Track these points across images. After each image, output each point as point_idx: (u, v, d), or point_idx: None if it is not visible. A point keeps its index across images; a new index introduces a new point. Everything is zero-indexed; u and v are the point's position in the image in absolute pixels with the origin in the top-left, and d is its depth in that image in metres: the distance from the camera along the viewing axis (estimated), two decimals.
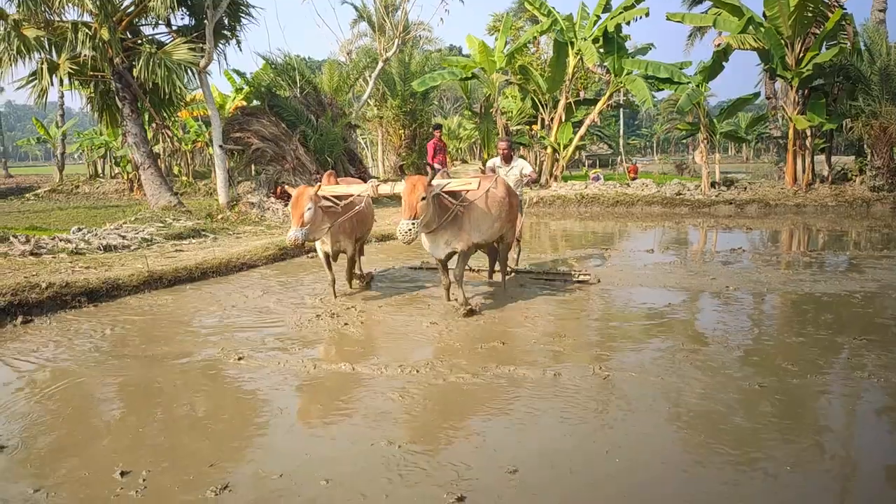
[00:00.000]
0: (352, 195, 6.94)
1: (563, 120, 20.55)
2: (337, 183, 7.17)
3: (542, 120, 21.96)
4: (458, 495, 3.11)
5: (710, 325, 6.12)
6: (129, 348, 5.60)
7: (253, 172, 16.11)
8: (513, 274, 8.22)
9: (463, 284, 6.56)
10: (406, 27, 22.00)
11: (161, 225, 11.69)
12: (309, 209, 6.24)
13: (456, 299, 6.55)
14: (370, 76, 21.05)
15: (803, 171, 17.52)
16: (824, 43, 16.18)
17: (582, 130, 20.62)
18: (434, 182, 6.13)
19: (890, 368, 4.76)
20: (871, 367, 4.81)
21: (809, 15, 15.49)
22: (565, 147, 20.52)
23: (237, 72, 21.29)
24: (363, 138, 30.19)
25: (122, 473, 3.39)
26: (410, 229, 5.76)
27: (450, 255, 6.52)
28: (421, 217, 5.85)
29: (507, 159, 8.07)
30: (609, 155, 38.68)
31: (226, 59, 17.10)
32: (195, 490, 3.25)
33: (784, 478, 3.29)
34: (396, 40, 20.42)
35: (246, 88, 20.36)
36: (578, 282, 7.83)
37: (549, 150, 20.93)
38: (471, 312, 6.37)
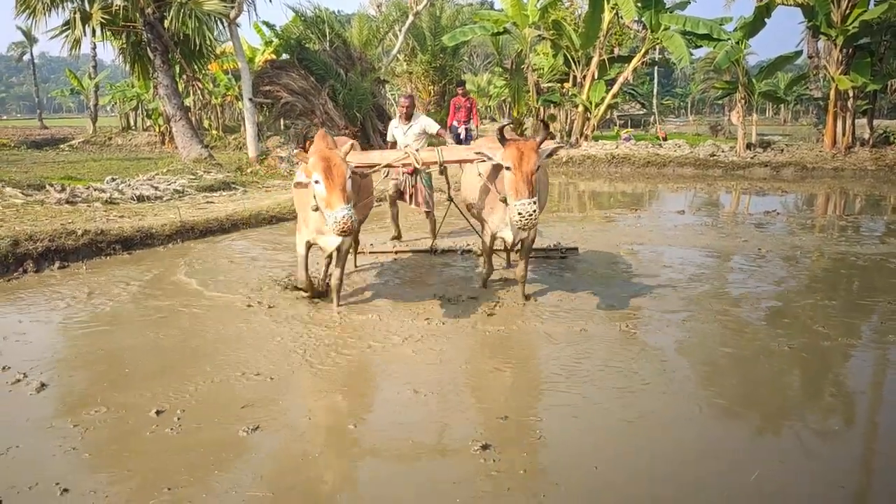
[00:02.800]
0: (377, 165, 5.58)
1: (596, 77, 20.06)
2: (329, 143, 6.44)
3: (574, 77, 21.46)
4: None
5: (740, 286, 6.05)
6: (163, 294, 5.74)
7: (282, 127, 16.15)
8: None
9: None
10: None
11: (192, 177, 11.82)
12: (349, 179, 4.56)
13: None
14: (400, 30, 20.74)
15: (843, 134, 16.97)
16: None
17: (615, 88, 20.13)
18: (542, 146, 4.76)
19: None
20: None
21: None
22: (597, 106, 20.09)
23: (267, 24, 21.12)
24: (392, 94, 29.96)
25: (158, 412, 3.52)
26: (534, 212, 4.43)
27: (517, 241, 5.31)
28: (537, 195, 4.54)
29: (408, 117, 7.17)
30: (642, 115, 37.83)
31: (255, 10, 17.04)
32: (227, 428, 3.36)
33: (808, 438, 3.30)
34: None
35: (275, 41, 20.22)
36: (563, 257, 7.02)
37: (581, 108, 20.51)
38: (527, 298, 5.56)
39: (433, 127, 7.17)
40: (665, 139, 21.07)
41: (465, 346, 4.57)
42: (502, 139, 4.65)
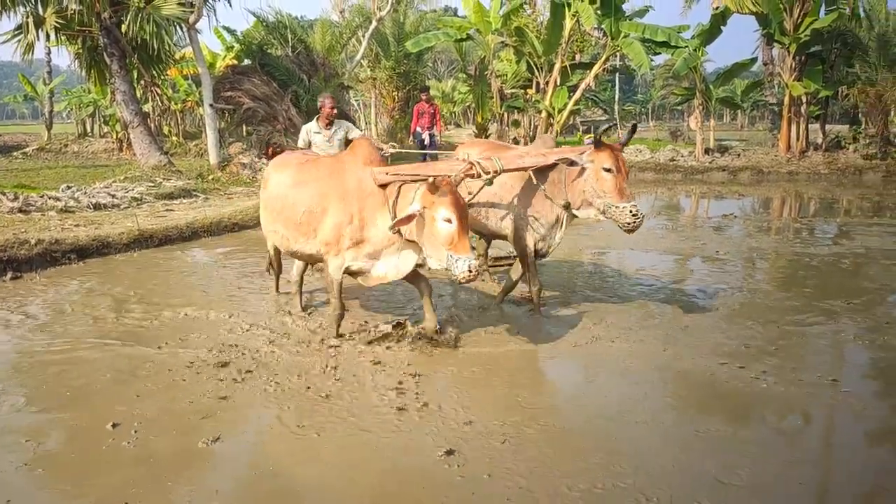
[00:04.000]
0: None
1: (559, 84, 20.29)
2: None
3: (537, 84, 21.67)
4: None
5: (699, 287, 6.17)
6: (119, 304, 5.60)
7: (244, 133, 15.92)
8: None
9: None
10: None
11: (151, 184, 11.58)
12: None
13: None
14: (363, 36, 20.67)
15: (797, 139, 17.49)
16: (823, 8, 16.00)
17: (577, 94, 20.39)
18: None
19: (873, 331, 4.83)
20: (856, 329, 4.89)
21: None
22: (560, 111, 20.31)
23: (228, 29, 20.83)
24: (356, 100, 29.82)
25: (114, 425, 3.43)
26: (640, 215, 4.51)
27: None
28: None
29: (330, 122, 6.49)
30: (604, 121, 38.41)
31: (216, 15, 16.75)
32: (187, 440, 3.29)
33: (768, 436, 3.37)
34: None
35: (237, 47, 19.96)
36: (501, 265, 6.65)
37: (544, 114, 20.72)
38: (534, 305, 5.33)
39: (355, 132, 6.62)
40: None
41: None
42: (599, 143, 4.62)
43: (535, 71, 21.36)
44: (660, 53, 19.56)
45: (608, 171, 4.53)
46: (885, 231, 8.94)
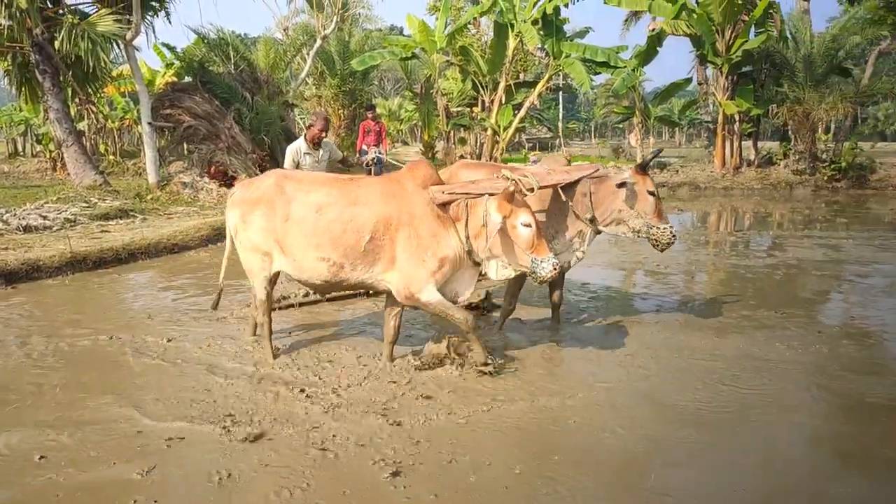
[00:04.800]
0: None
1: (503, 102, 20.59)
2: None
3: (483, 102, 21.95)
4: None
5: (639, 300, 6.29)
6: (47, 328, 5.34)
7: (185, 151, 15.54)
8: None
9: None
10: (345, 4, 21.56)
11: (85, 205, 11.16)
12: None
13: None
14: (308, 54, 20.56)
15: (731, 155, 18.19)
16: (753, 30, 16.75)
17: (521, 113, 20.72)
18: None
19: (804, 339, 5.01)
20: (790, 336, 5.06)
21: (739, 2, 15.97)
22: (505, 129, 20.60)
23: (167, 46, 20.43)
24: (301, 118, 29.59)
25: (41, 457, 3.25)
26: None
27: None
28: None
29: (318, 143, 6.18)
30: (549, 138, 39.17)
31: (154, 32, 16.37)
32: (120, 470, 3.14)
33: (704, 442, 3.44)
34: (335, 17, 20.00)
35: (177, 64, 19.57)
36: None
37: (490, 132, 20.98)
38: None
39: (338, 153, 6.60)
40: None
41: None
42: (645, 167, 4.93)
43: (481, 89, 21.64)
44: (600, 73, 20.09)
45: (651, 194, 4.82)
46: (815, 243, 9.33)
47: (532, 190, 4.13)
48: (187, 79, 17.43)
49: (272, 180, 4.41)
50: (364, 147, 13.65)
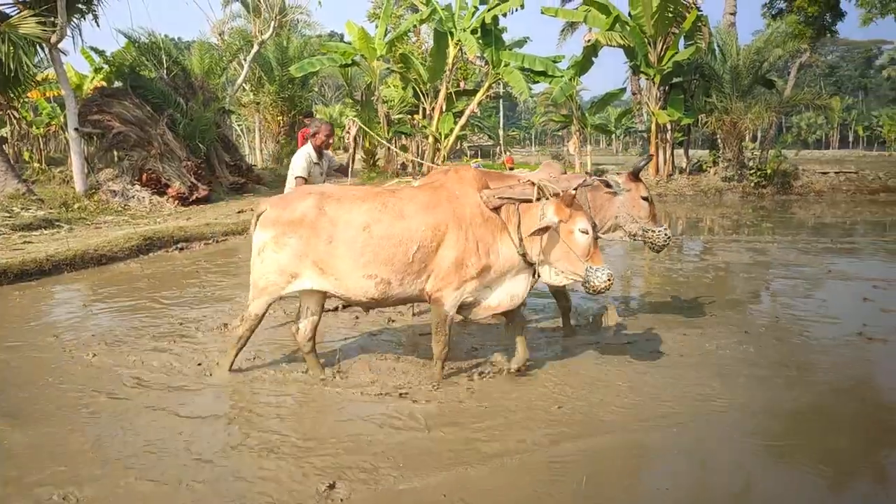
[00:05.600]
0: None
1: (444, 110, 20.71)
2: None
3: (424, 109, 22.02)
4: None
5: (574, 305, 6.40)
6: None
7: (115, 158, 14.97)
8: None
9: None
10: (283, 10, 21.27)
11: (7, 215, 10.62)
12: None
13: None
14: (245, 59, 20.21)
15: (664, 163, 18.79)
16: (683, 42, 17.38)
17: (462, 120, 20.87)
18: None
19: (736, 338, 5.19)
20: (719, 335, 5.24)
21: (670, 15, 16.54)
22: (446, 137, 20.70)
23: (96, 50, 19.68)
24: (238, 125, 28.99)
25: None
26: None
27: None
28: None
29: (321, 152, 5.98)
30: (491, 146, 39.62)
31: (81, 35, 15.63)
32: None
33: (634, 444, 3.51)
34: (273, 23, 19.71)
35: (106, 68, 18.88)
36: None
37: (431, 139, 21.05)
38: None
39: (335, 161, 6.36)
40: (513, 168, 22.11)
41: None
42: (637, 174, 5.06)
43: (422, 97, 21.70)
44: (538, 82, 20.44)
45: (645, 199, 5.03)
46: (743, 247, 9.72)
47: (557, 195, 4.02)
48: (117, 84, 16.85)
49: (311, 201, 4.15)
50: None
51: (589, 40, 17.75)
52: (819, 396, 4.17)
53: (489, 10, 19.05)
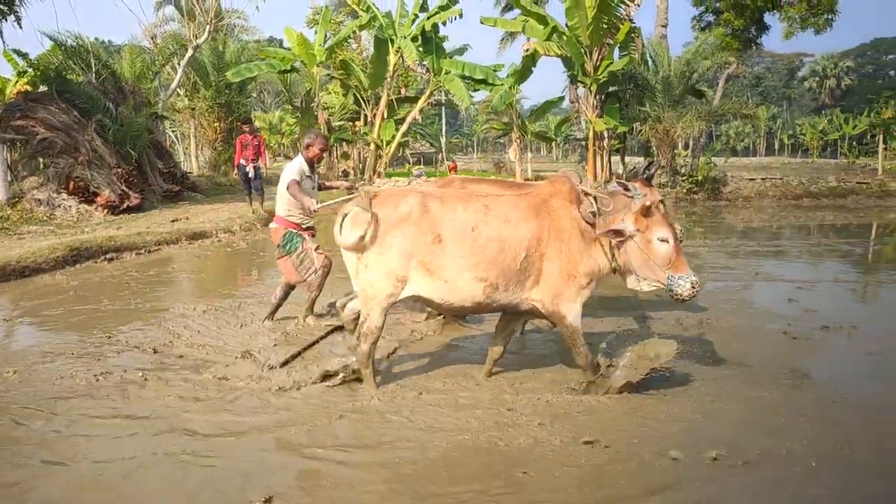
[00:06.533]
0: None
1: (386, 117, 20.70)
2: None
3: (365, 116, 21.95)
4: None
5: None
6: None
7: (41, 166, 14.30)
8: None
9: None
10: (219, 13, 20.80)
11: None
12: None
13: None
14: (179, 64, 19.66)
15: (602, 170, 19.24)
16: (618, 52, 17.86)
17: (404, 127, 20.91)
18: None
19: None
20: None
21: (604, 27, 16.98)
22: (388, 144, 20.68)
23: (19, 53, 18.73)
24: (173, 131, 28.16)
25: None
26: None
27: None
28: None
29: (313, 165, 5.71)
30: (433, 153, 39.74)
31: (2, 37, 14.85)
32: None
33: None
34: (208, 27, 19.25)
35: (30, 72, 18.04)
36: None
37: (373, 146, 20.98)
38: None
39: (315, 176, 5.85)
40: (456, 171, 22.28)
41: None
42: (650, 180, 4.45)
43: (363, 104, 21.63)
44: (479, 90, 20.68)
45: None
46: None
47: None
48: (42, 88, 16.10)
49: (416, 199, 4.07)
50: (242, 162, 13.16)
51: (528, 50, 18.05)
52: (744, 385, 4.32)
53: (429, 18, 19.17)
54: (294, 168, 5.51)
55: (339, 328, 5.45)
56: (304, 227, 5.67)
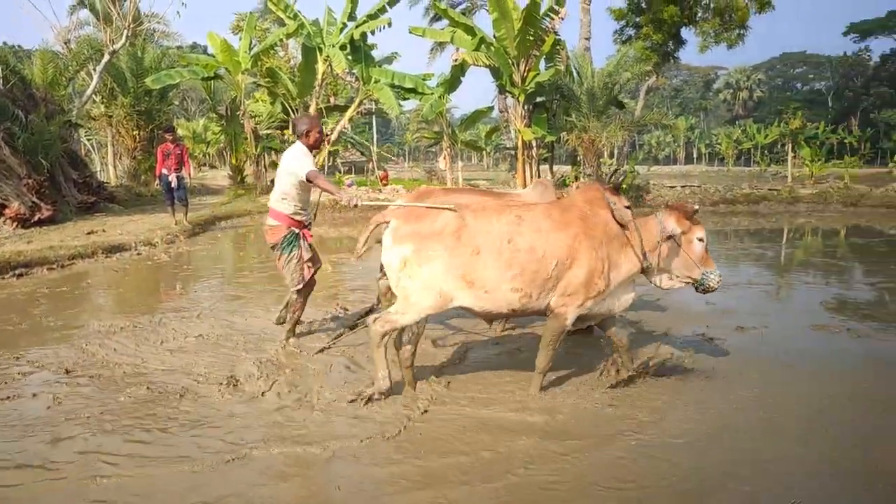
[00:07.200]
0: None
1: None
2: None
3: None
4: None
5: (446, 315, 6.48)
6: None
7: None
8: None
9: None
10: (137, 18, 20.03)
11: None
12: None
13: None
14: (94, 70, 18.82)
15: (531, 178, 19.57)
16: (544, 63, 18.25)
17: (334, 136, 20.68)
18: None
19: (598, 342, 5.46)
20: (589, 341, 5.49)
21: (530, 38, 17.31)
22: (318, 153, 20.41)
23: None
24: (89, 139, 26.91)
25: None
26: None
27: None
28: None
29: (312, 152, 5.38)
30: (364, 162, 39.49)
31: None
32: None
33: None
34: (126, 32, 18.50)
35: None
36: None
37: None
38: None
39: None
40: (386, 183, 22.20)
41: None
42: (617, 191, 4.55)
43: (291, 112, 21.26)
44: (409, 99, 20.71)
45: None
46: None
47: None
48: None
49: (453, 212, 4.10)
50: (164, 171, 12.67)
51: (456, 59, 18.19)
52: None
53: (357, 27, 19.10)
54: (304, 157, 5.06)
55: (370, 311, 5.75)
56: (305, 224, 5.38)
